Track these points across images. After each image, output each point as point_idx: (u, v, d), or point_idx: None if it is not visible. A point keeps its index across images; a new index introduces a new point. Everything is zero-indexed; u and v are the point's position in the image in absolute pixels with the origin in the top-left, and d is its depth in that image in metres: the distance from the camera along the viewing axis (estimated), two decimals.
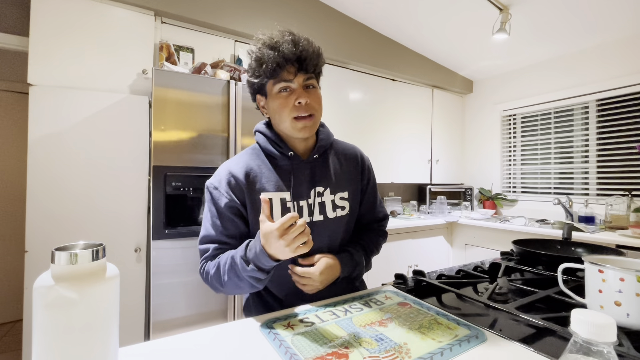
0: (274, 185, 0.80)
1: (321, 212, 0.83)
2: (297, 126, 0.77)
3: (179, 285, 1.56)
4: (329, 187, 0.85)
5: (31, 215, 1.50)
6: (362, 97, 2.71)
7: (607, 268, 0.60)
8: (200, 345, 0.56)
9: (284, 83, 0.76)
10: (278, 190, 0.80)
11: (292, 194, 0.81)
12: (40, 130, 1.53)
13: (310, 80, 0.78)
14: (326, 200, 0.84)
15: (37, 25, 1.55)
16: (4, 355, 2.11)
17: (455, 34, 2.59)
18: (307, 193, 0.82)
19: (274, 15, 2.22)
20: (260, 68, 0.76)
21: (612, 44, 2.41)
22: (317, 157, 0.85)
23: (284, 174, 0.82)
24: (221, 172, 0.82)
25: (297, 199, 0.81)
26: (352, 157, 0.92)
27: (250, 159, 0.83)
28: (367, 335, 0.58)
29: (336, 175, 0.87)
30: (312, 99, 0.77)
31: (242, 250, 0.70)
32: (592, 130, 2.57)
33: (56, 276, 0.39)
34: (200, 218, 1.73)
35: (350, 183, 0.90)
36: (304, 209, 0.81)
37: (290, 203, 0.80)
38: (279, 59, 0.73)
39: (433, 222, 2.68)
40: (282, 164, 0.83)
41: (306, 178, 0.83)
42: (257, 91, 0.83)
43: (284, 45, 0.73)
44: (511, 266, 1.02)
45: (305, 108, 0.76)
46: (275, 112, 0.79)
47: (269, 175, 0.81)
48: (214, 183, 0.81)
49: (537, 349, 0.54)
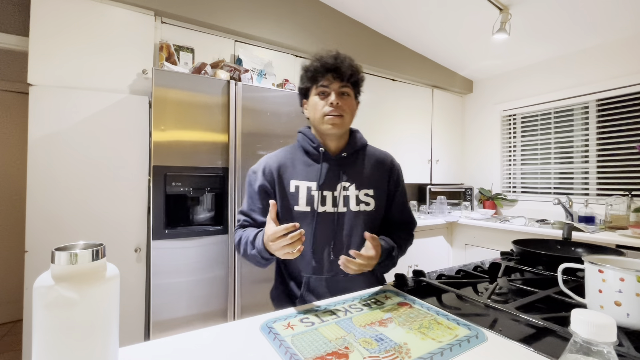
0: (302, 175, 0.94)
1: (345, 205, 0.94)
2: (327, 121, 0.90)
3: (179, 285, 1.56)
4: (355, 183, 0.95)
5: (31, 215, 1.50)
6: (362, 97, 2.70)
7: (607, 268, 0.60)
8: (200, 345, 0.56)
9: (322, 88, 0.91)
10: (305, 179, 0.94)
11: (318, 184, 0.93)
12: (40, 130, 1.53)
13: (345, 88, 0.92)
14: (350, 194, 0.94)
15: (37, 25, 1.55)
16: (4, 355, 2.11)
17: (455, 34, 2.59)
18: (333, 186, 0.94)
19: (274, 15, 2.22)
20: (308, 75, 0.94)
21: (612, 44, 2.41)
22: (346, 155, 0.96)
23: (313, 167, 0.95)
24: (261, 161, 1.00)
25: (323, 190, 0.93)
26: (382, 161, 1.02)
27: (287, 153, 0.99)
28: (367, 335, 0.58)
29: (364, 174, 0.97)
30: (343, 103, 0.91)
31: (252, 238, 0.87)
32: (592, 130, 2.57)
33: (56, 276, 0.39)
34: (200, 218, 1.73)
35: (377, 183, 0.98)
36: (327, 199, 0.93)
37: (316, 192, 0.92)
38: (319, 68, 0.91)
39: (433, 222, 2.67)
40: (314, 158, 0.96)
41: (334, 173, 0.95)
42: (303, 96, 0.99)
43: (326, 58, 0.91)
44: (511, 266, 1.02)
45: (336, 109, 0.90)
46: (312, 111, 0.94)
47: (299, 167, 0.95)
48: (254, 169, 0.99)
49: (537, 349, 0.54)
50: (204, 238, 1.63)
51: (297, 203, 0.92)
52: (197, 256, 1.61)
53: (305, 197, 0.91)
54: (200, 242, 1.62)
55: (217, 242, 1.67)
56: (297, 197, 0.92)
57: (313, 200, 0.91)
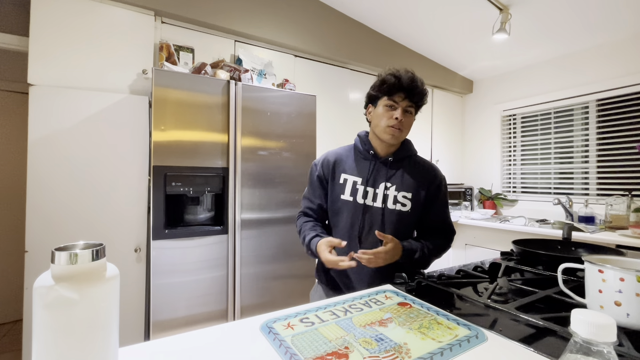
0: (352, 170, 1.09)
1: (383, 202, 1.05)
2: (388, 131, 1.04)
3: (179, 285, 1.56)
4: (396, 184, 1.07)
5: (31, 215, 1.50)
6: (362, 97, 2.69)
7: (607, 268, 0.60)
8: (200, 345, 0.56)
9: (392, 102, 1.03)
10: (353, 174, 1.08)
11: (363, 180, 1.07)
12: (40, 130, 1.53)
13: (410, 107, 1.05)
14: (390, 194, 1.06)
15: (37, 25, 1.55)
16: (4, 355, 2.11)
17: (455, 34, 2.59)
18: (377, 184, 1.07)
19: (274, 15, 2.22)
20: (382, 86, 1.04)
21: (612, 44, 2.41)
22: (392, 160, 1.09)
23: (363, 165, 1.09)
24: (323, 155, 1.16)
25: (367, 185, 1.06)
26: (426, 170, 1.12)
27: (344, 151, 1.15)
28: (367, 335, 0.58)
29: (406, 179, 1.08)
30: (405, 120, 1.04)
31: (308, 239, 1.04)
32: (592, 130, 2.57)
33: (56, 276, 0.39)
34: (200, 218, 1.73)
35: (417, 188, 1.08)
36: (369, 194, 1.06)
37: (361, 186, 1.06)
38: (396, 84, 1.02)
39: None
40: (365, 158, 1.11)
41: (381, 173, 1.08)
42: (370, 101, 1.11)
43: (403, 78, 1.02)
44: (511, 266, 1.02)
45: (399, 123, 1.02)
46: (375, 117, 1.07)
47: (351, 164, 1.10)
48: (316, 162, 1.16)
49: (537, 349, 0.54)
50: (204, 238, 1.63)
51: (342, 192, 1.07)
52: (197, 256, 1.61)
53: (350, 188, 1.06)
54: (200, 242, 1.62)
55: (217, 242, 1.67)
56: (345, 187, 1.07)
57: (357, 192, 1.06)
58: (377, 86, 1.07)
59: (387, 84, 1.03)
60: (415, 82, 1.03)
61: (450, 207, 3.14)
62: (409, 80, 1.02)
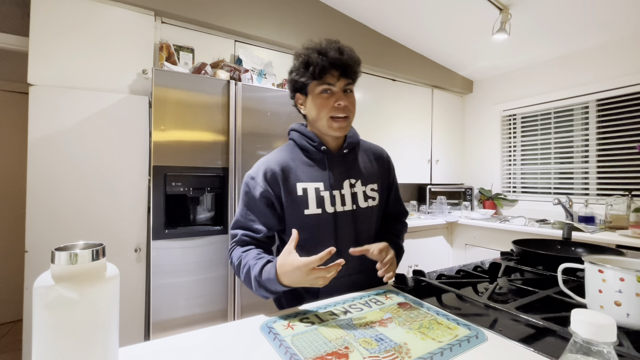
0: (308, 176, 0.88)
1: (354, 202, 0.90)
2: (334, 126, 0.86)
3: (179, 285, 1.56)
4: (360, 178, 0.93)
5: (31, 215, 1.50)
6: (362, 97, 2.70)
7: (607, 268, 0.60)
8: (200, 345, 0.56)
9: (327, 85, 0.84)
10: (312, 181, 0.88)
11: (325, 184, 0.88)
12: (40, 130, 1.53)
13: (349, 85, 0.87)
14: (358, 191, 0.92)
15: (37, 25, 1.55)
16: (4, 355, 2.11)
17: (455, 34, 2.59)
18: (340, 184, 0.90)
19: (274, 15, 2.22)
20: (307, 70, 0.84)
21: (612, 44, 2.41)
22: (347, 152, 0.93)
23: (318, 166, 0.90)
24: (259, 165, 0.90)
25: (331, 189, 0.89)
26: (379, 155, 1.01)
27: (287, 153, 0.91)
28: (367, 335, 0.58)
29: (366, 169, 0.95)
30: (349, 102, 0.86)
31: (257, 272, 0.75)
32: (592, 130, 2.56)
33: (56, 276, 0.39)
34: (200, 218, 1.73)
35: (378, 177, 0.98)
36: (336, 198, 0.89)
37: (325, 192, 0.88)
38: (325, 63, 0.82)
39: (433, 222, 2.67)
40: (316, 157, 0.91)
41: (339, 170, 0.91)
42: (298, 90, 0.91)
43: (331, 52, 0.83)
44: (511, 266, 1.02)
45: (342, 109, 0.85)
46: (313, 110, 0.87)
47: (303, 167, 0.89)
48: (252, 174, 0.89)
49: (537, 349, 0.54)
50: (204, 238, 1.63)
51: (307, 206, 0.86)
52: (197, 256, 1.61)
53: (314, 199, 0.86)
54: (200, 242, 1.62)
55: (217, 242, 1.67)
56: (307, 200, 0.86)
57: (323, 201, 0.87)
58: (301, 69, 0.85)
59: (314, 64, 0.82)
60: (345, 52, 0.85)
61: (450, 207, 3.15)
62: (338, 53, 0.83)
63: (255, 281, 0.75)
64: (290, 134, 0.96)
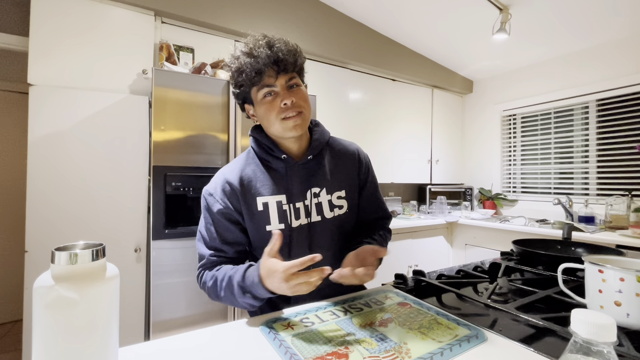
0: (268, 189, 0.80)
1: (318, 213, 0.83)
2: (288, 125, 0.76)
3: (179, 285, 1.56)
4: (325, 187, 0.84)
5: (31, 215, 1.50)
6: (362, 97, 2.71)
7: (607, 268, 0.60)
8: (200, 345, 0.56)
9: (267, 88, 0.76)
10: (273, 194, 0.80)
11: (287, 197, 0.81)
12: (40, 130, 1.53)
13: (293, 79, 0.78)
14: (323, 200, 0.84)
15: (37, 25, 1.55)
16: (4, 355, 2.11)
17: (455, 34, 2.59)
18: (302, 194, 0.82)
19: (274, 15, 2.22)
20: (241, 77, 0.76)
21: (612, 44, 2.41)
22: (312, 157, 0.84)
23: (278, 177, 0.82)
24: (217, 179, 0.83)
25: (293, 202, 0.81)
26: (349, 153, 0.91)
27: (245, 164, 0.83)
28: (367, 335, 0.58)
29: (332, 175, 0.86)
30: (297, 98, 0.77)
31: (239, 277, 0.69)
32: (592, 130, 2.57)
33: (56, 276, 0.39)
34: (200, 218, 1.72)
35: (348, 181, 0.89)
36: (300, 210, 0.81)
37: (287, 206, 0.80)
38: (257, 65, 0.73)
39: (433, 222, 2.67)
40: (276, 167, 0.82)
41: (301, 179, 0.83)
42: (244, 101, 0.83)
43: (259, 51, 0.74)
44: (511, 266, 1.02)
45: (292, 108, 0.76)
46: (263, 118, 0.79)
47: (263, 179, 0.81)
48: (209, 190, 0.82)
49: (537, 349, 0.54)
50: None
51: (268, 222, 0.78)
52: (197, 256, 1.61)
53: (276, 213, 0.78)
54: None
55: None
56: (268, 215, 0.78)
57: (286, 215, 0.79)
58: (236, 80, 0.78)
59: (246, 71, 0.74)
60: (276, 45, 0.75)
61: (450, 207, 3.15)
62: (267, 49, 0.74)
63: (238, 288, 0.68)
64: (250, 140, 0.86)
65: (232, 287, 0.70)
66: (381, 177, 2.78)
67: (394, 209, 2.89)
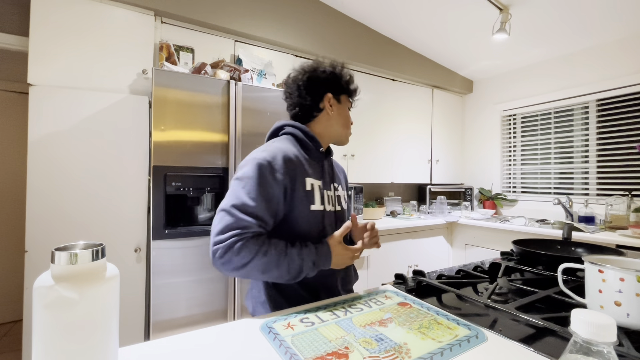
0: (312, 173, 0.88)
1: (339, 203, 0.97)
2: (348, 135, 0.99)
3: (179, 285, 1.56)
4: (339, 183, 1.02)
5: (31, 215, 1.50)
6: (362, 97, 2.70)
7: (607, 268, 0.60)
8: (200, 345, 0.56)
9: (351, 104, 0.99)
10: (316, 178, 0.90)
11: (323, 183, 0.92)
12: (40, 130, 1.53)
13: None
14: (340, 194, 1.00)
15: (37, 25, 1.55)
16: (4, 355, 2.11)
17: (455, 34, 2.59)
18: (329, 185, 0.95)
19: (274, 15, 2.22)
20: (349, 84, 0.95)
21: (612, 44, 2.41)
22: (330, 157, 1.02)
23: (316, 165, 0.92)
24: (272, 151, 0.82)
25: (326, 189, 0.92)
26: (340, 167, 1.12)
27: (292, 147, 0.87)
28: (367, 335, 0.58)
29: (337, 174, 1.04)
30: None
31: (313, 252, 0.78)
32: (592, 130, 2.56)
33: (56, 276, 0.39)
34: (200, 218, 1.72)
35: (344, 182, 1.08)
36: (331, 197, 0.94)
37: (324, 191, 0.91)
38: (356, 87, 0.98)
39: (433, 222, 2.67)
40: (315, 157, 0.93)
41: (329, 173, 0.96)
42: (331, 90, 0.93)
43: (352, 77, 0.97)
44: (511, 266, 1.02)
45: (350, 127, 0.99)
46: (338, 117, 0.95)
47: (308, 165, 0.89)
48: (267, 157, 0.79)
49: (537, 349, 0.54)
50: (204, 238, 1.63)
51: (313, 202, 0.85)
52: (197, 256, 1.61)
53: (319, 196, 0.87)
54: (200, 242, 1.62)
55: None
56: (313, 195, 0.86)
57: (324, 199, 0.89)
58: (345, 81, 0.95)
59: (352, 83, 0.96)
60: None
61: (450, 207, 3.15)
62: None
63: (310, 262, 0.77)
64: (288, 128, 0.93)
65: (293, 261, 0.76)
66: (381, 177, 2.78)
67: (394, 209, 2.89)
